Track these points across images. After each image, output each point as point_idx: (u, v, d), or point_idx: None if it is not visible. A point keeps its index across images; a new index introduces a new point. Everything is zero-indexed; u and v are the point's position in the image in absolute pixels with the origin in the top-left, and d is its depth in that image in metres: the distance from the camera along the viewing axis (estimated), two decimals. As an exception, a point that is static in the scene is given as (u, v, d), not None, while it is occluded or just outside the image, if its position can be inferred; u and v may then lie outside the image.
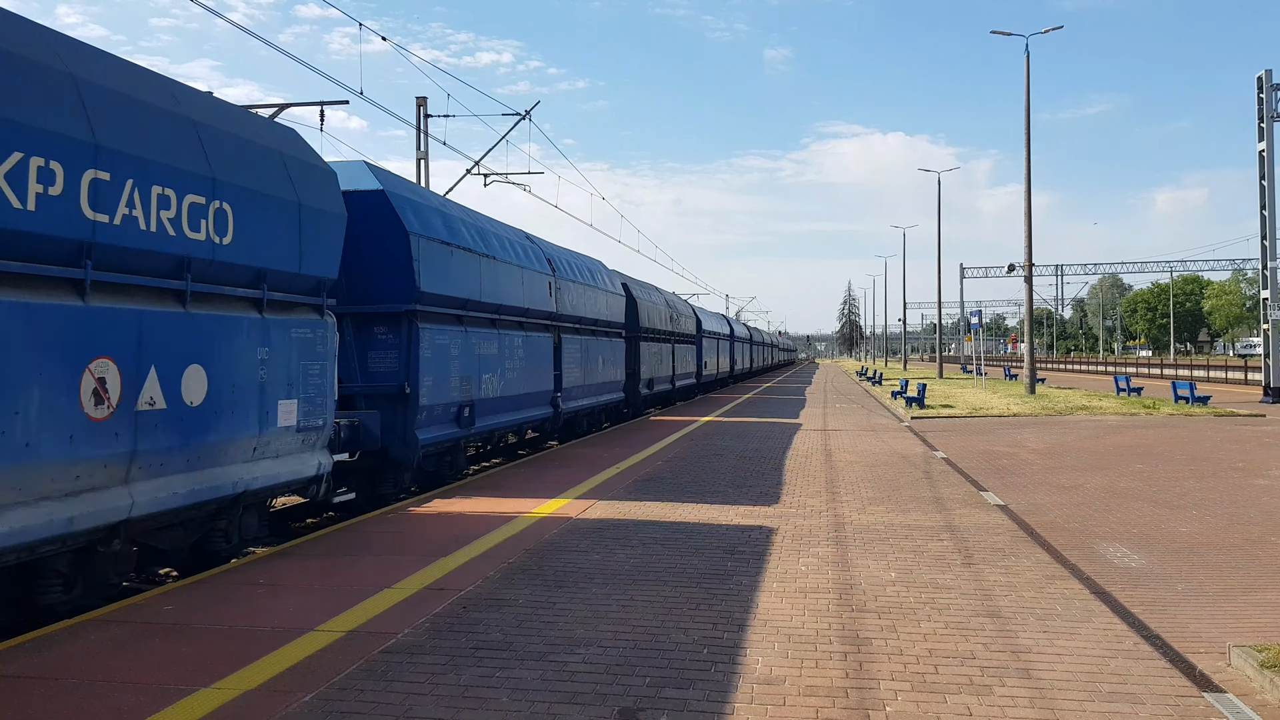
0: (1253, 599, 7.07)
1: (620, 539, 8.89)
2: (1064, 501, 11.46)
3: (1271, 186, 30.20)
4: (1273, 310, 30.39)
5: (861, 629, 6.12)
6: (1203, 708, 4.81)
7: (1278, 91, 30.01)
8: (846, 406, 31.13)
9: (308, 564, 7.98)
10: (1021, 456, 16.32)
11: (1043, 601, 6.78)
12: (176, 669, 5.37)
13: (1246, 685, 5.25)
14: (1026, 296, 35.17)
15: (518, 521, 9.70)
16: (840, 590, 7.09)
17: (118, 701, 4.89)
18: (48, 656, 5.61)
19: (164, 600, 6.87)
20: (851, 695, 4.97)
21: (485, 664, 5.43)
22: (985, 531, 9.38)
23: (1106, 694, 4.98)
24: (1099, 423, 23.16)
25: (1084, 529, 9.74)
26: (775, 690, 5.04)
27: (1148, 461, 15.30)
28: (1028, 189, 33.77)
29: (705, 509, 10.58)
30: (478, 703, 4.86)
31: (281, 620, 6.32)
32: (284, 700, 4.88)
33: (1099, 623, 6.27)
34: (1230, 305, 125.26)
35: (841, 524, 9.73)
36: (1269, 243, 30.45)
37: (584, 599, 6.80)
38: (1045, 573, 7.66)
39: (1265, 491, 12.02)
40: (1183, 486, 12.54)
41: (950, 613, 6.49)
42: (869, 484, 12.67)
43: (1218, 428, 21.46)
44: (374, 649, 5.69)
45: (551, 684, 5.12)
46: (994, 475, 13.83)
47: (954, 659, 5.54)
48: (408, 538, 8.97)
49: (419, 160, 25.24)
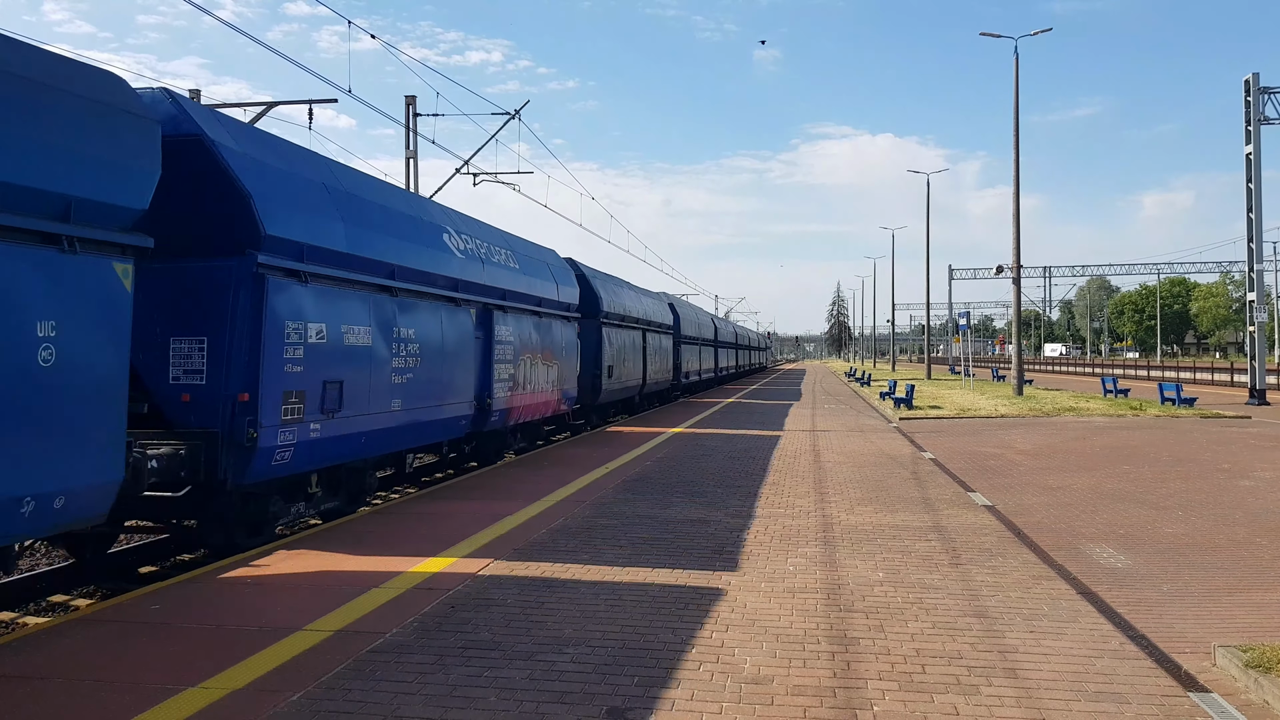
0: (1238, 599, 7.11)
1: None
2: (1051, 502, 11.51)
3: (1258, 189, 30.38)
4: (1258, 313, 30.59)
5: (849, 629, 6.14)
6: (1188, 707, 4.84)
7: (1265, 95, 30.19)
8: (835, 407, 31.19)
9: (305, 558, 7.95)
10: (1009, 457, 16.39)
11: (1029, 602, 6.81)
12: (163, 668, 5.34)
13: (1231, 685, 5.28)
14: (1015, 298, 35.32)
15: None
16: (828, 590, 7.11)
17: (103, 701, 4.86)
18: (33, 656, 5.58)
19: (151, 599, 6.84)
20: (839, 695, 4.99)
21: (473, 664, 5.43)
22: (973, 532, 9.41)
23: (1092, 694, 5.00)
24: (1086, 424, 23.27)
25: (1071, 530, 9.79)
26: (763, 690, 5.05)
27: (1134, 463, 15.38)
28: (1016, 191, 33.91)
29: (694, 509, 10.59)
30: (466, 701, 4.86)
31: (269, 619, 6.30)
32: (271, 700, 4.87)
33: (1085, 623, 6.30)
34: (1217, 308, 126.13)
35: (829, 524, 9.74)
36: (1255, 245, 30.63)
37: (573, 599, 6.81)
38: (1032, 573, 7.69)
39: (1250, 493, 12.10)
40: (1169, 488, 12.61)
41: (938, 613, 6.51)
42: (857, 484, 12.69)
43: (1203, 429, 21.59)
44: (362, 648, 5.68)
45: (540, 683, 5.12)
46: (981, 476, 13.88)
47: (941, 659, 5.55)
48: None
49: (408, 159, 25.21)
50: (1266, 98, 30.22)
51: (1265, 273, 30.68)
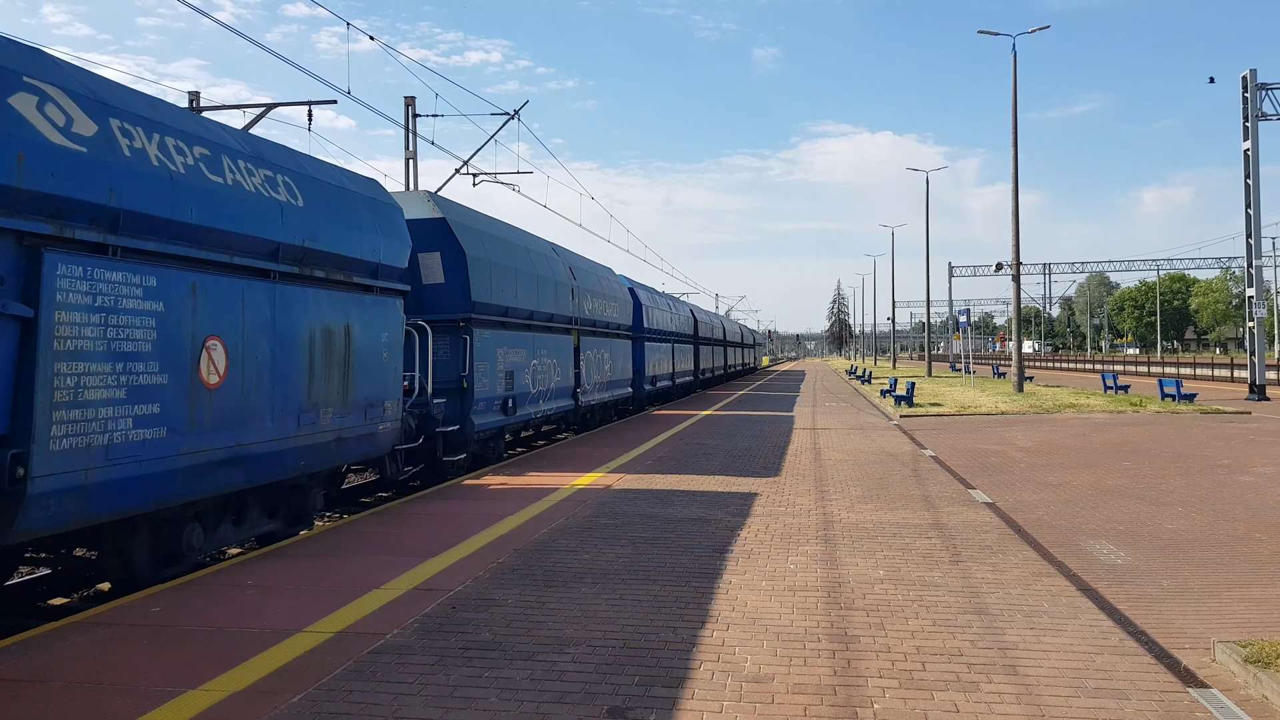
0: (1237, 594, 7.12)
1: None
2: (1051, 499, 11.52)
3: (1257, 185, 30.38)
4: (1257, 308, 30.60)
5: (850, 627, 6.14)
6: (1187, 703, 4.85)
7: (1262, 91, 30.19)
8: (835, 405, 31.20)
9: (297, 564, 7.97)
10: (1009, 454, 16.39)
11: (1029, 598, 6.81)
12: (163, 671, 5.35)
13: (1231, 680, 5.28)
14: (1014, 295, 35.33)
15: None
16: (829, 588, 7.11)
17: (104, 704, 4.87)
18: (34, 659, 5.59)
19: (151, 601, 6.85)
20: (839, 693, 4.99)
21: (474, 664, 5.44)
22: (973, 529, 9.42)
23: (1092, 690, 5.01)
24: (1086, 420, 23.27)
25: (1071, 526, 9.79)
26: (764, 688, 5.05)
27: (1134, 459, 15.38)
28: (1015, 188, 33.90)
29: (695, 507, 10.60)
30: (465, 702, 4.87)
31: (270, 621, 6.31)
32: (272, 701, 4.88)
33: (1085, 619, 6.30)
34: (1217, 303, 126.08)
35: (830, 522, 9.75)
36: (1254, 241, 30.64)
37: (573, 598, 6.82)
38: (1032, 570, 7.70)
39: (1250, 488, 12.10)
40: (1169, 484, 12.62)
41: (938, 610, 6.52)
42: (857, 482, 12.70)
43: (1203, 425, 21.59)
44: (362, 649, 5.69)
45: (540, 683, 5.13)
46: (982, 473, 13.88)
47: (941, 656, 5.56)
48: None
49: (407, 160, 25.19)
50: (1264, 94, 30.22)
51: (1264, 268, 30.59)
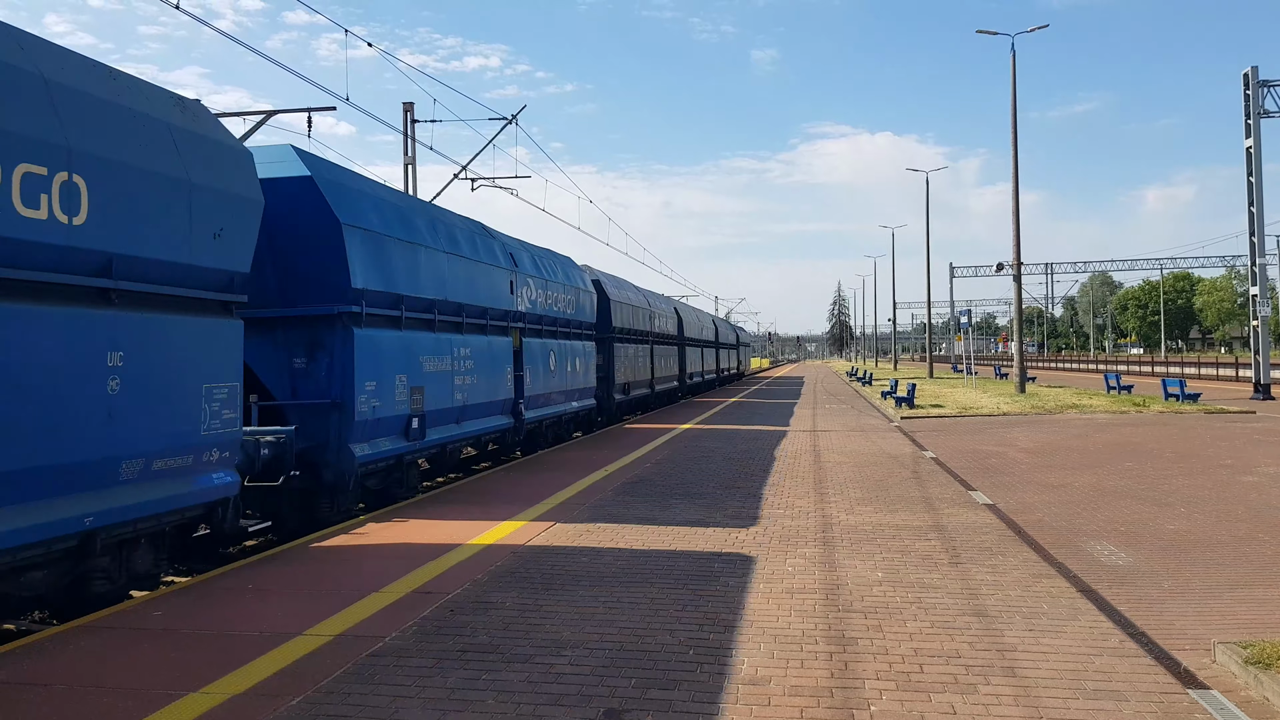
0: (1238, 595, 7.11)
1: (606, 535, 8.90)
2: (1052, 500, 11.51)
3: (1259, 183, 30.32)
4: (1262, 306, 30.53)
5: (848, 629, 6.14)
6: (1187, 704, 4.84)
7: (1264, 88, 30.14)
8: (836, 407, 31.19)
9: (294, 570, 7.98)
10: (1010, 455, 16.38)
11: (1029, 600, 6.81)
12: (164, 674, 5.37)
13: (1231, 682, 5.28)
14: (1015, 295, 35.29)
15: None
16: (827, 590, 7.11)
17: (106, 707, 4.89)
18: (37, 662, 5.61)
19: (153, 606, 6.86)
20: (837, 695, 4.99)
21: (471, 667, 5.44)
22: (973, 531, 9.41)
23: (1091, 691, 5.01)
24: (1089, 421, 23.24)
25: (1072, 527, 9.78)
26: (761, 690, 5.06)
27: (1137, 459, 15.36)
28: (1015, 187, 33.87)
29: (693, 510, 10.59)
30: (463, 704, 4.87)
31: (269, 625, 6.32)
32: (271, 704, 4.89)
33: (1085, 620, 6.30)
34: (1221, 302, 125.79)
35: (829, 524, 9.75)
36: (1258, 239, 30.57)
37: (571, 600, 6.82)
38: (1032, 571, 7.70)
39: (1253, 488, 12.08)
40: (1171, 484, 12.60)
41: (936, 612, 6.52)
42: (857, 484, 12.69)
43: (1207, 425, 21.55)
44: (361, 652, 5.70)
45: (538, 686, 5.14)
46: (982, 474, 13.87)
47: (939, 658, 5.56)
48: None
49: (406, 165, 25.24)
50: (1266, 91, 30.15)
51: (1269, 266, 30.53)
